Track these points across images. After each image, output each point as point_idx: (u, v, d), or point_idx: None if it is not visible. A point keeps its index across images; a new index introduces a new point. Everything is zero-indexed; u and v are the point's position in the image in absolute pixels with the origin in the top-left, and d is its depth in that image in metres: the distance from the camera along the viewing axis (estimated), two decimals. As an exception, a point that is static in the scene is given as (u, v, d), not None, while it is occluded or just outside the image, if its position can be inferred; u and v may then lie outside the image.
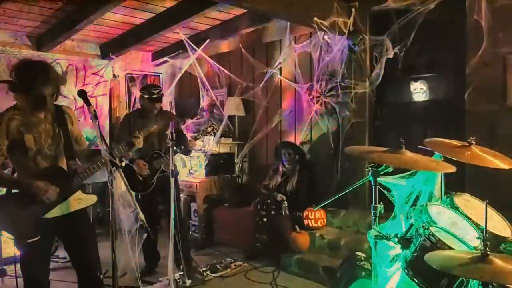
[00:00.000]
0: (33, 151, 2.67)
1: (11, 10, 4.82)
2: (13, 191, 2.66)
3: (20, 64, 2.67)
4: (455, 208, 2.62)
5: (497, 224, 2.58)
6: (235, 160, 6.26)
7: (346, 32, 4.73)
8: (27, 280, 2.72)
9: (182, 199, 5.53)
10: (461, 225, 2.50)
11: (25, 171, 2.68)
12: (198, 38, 5.80)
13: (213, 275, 4.49)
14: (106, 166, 2.45)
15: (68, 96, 5.93)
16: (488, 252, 1.81)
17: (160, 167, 4.38)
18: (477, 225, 2.46)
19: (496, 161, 2.56)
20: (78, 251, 2.89)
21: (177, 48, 6.14)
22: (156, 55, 6.87)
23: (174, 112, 6.46)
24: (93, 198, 2.86)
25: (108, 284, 3.77)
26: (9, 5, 4.70)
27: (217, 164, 6.07)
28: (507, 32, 3.84)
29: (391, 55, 4.50)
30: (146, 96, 4.47)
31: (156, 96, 4.45)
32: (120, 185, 2.62)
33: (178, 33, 5.57)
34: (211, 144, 6.14)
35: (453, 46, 4.31)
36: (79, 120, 3.45)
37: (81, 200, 2.79)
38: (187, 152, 4.53)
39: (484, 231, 1.91)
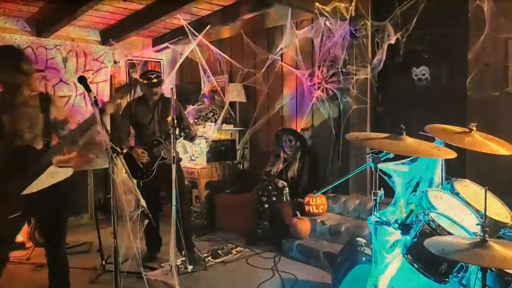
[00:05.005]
0: (7, 132, 2.76)
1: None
2: None
3: None
4: (455, 194, 2.63)
5: (497, 210, 2.59)
6: (237, 147, 6.27)
7: (348, 17, 4.70)
8: None
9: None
10: (461, 211, 2.51)
11: None
12: (199, 24, 5.76)
13: (214, 260, 4.52)
14: (107, 153, 2.45)
15: (68, 82, 5.92)
16: (488, 238, 1.82)
17: (160, 154, 4.38)
18: (477, 211, 2.48)
19: (497, 147, 2.57)
20: (50, 225, 2.98)
21: (178, 34, 6.10)
22: (157, 41, 6.83)
23: (175, 98, 6.44)
24: (67, 171, 2.90)
25: (110, 270, 3.84)
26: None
27: (219, 151, 6.09)
28: (509, 18, 3.81)
29: (393, 41, 4.49)
30: (144, 82, 4.43)
31: (154, 81, 4.38)
32: (121, 171, 2.62)
33: (179, 19, 5.54)
34: (212, 130, 6.14)
35: (455, 31, 4.27)
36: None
37: (55, 174, 2.84)
38: (191, 138, 4.48)
39: (484, 217, 1.92)
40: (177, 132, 4.00)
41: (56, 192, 2.87)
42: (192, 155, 6.22)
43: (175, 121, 3.88)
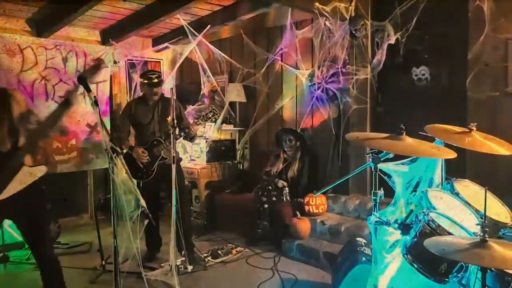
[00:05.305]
0: None
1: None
2: None
3: None
4: (455, 194, 2.63)
5: (497, 210, 2.59)
6: (237, 147, 6.26)
7: (348, 17, 4.70)
8: None
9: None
10: (461, 211, 2.51)
11: None
12: (199, 24, 5.76)
13: (214, 260, 4.52)
14: (107, 153, 2.46)
15: (68, 82, 5.91)
16: (487, 238, 1.82)
17: (160, 154, 4.38)
18: (477, 211, 2.47)
19: (497, 147, 2.57)
20: (29, 227, 2.89)
21: (178, 34, 6.10)
22: (157, 41, 6.83)
23: (175, 98, 6.45)
24: (41, 169, 2.84)
25: (110, 270, 3.84)
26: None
27: (218, 151, 6.09)
28: (509, 18, 3.81)
29: (392, 41, 4.48)
30: (145, 81, 4.44)
31: (154, 81, 4.40)
32: (121, 171, 2.62)
33: (179, 19, 5.53)
34: (212, 130, 6.14)
35: (455, 31, 4.27)
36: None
37: (30, 174, 2.77)
38: (191, 138, 4.49)
39: (484, 217, 1.91)
40: (177, 132, 4.00)
41: (32, 193, 2.79)
42: (192, 155, 6.21)
43: (175, 121, 3.88)
